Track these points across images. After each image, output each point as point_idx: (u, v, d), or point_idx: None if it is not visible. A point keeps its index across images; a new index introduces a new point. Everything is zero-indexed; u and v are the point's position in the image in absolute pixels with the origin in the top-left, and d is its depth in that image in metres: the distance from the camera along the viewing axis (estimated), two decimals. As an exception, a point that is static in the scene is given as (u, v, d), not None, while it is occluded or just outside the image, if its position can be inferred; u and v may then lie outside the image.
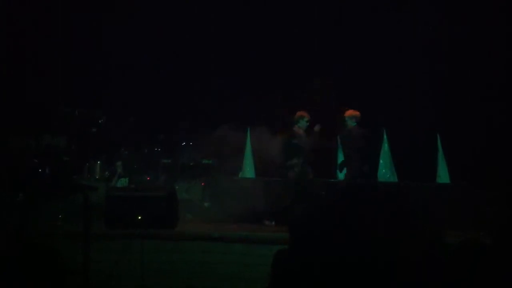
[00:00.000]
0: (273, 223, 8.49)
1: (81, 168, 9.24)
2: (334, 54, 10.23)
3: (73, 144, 9.37)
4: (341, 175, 10.04)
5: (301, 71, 10.12)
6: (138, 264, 5.48)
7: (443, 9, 10.04)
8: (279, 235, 6.55)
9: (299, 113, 8.70)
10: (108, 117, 9.89)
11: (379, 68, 9.92)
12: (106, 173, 9.39)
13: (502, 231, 1.94)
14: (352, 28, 10.28)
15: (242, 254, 6.35)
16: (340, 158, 10.17)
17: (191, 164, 9.79)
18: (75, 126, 9.62)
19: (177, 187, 9.20)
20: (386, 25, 10.07)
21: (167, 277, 5.22)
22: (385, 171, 9.72)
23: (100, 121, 9.72)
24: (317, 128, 8.56)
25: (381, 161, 9.25)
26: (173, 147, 9.95)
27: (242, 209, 8.98)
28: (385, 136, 9.33)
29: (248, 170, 10.17)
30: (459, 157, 9.36)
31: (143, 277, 5.16)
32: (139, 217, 7.09)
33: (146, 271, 5.30)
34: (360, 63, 10.08)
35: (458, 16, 9.95)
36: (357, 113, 8.47)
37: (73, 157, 9.28)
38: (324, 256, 1.46)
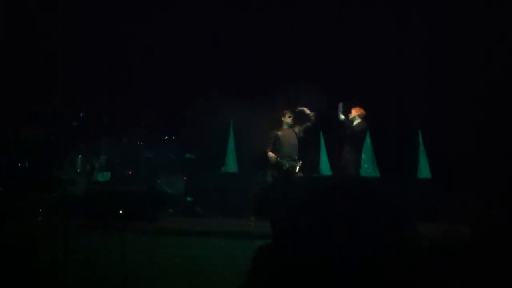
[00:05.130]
0: (256, 218, 8.45)
1: (61, 162, 9.12)
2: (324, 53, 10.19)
3: (54, 137, 9.23)
4: (324, 171, 10.05)
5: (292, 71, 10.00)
6: (119, 259, 5.43)
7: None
8: (262, 230, 6.55)
9: (284, 111, 8.72)
10: (90, 111, 9.74)
11: (364, 64, 9.89)
12: (87, 166, 9.29)
13: (485, 228, 1.95)
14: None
15: (224, 249, 6.34)
16: (324, 153, 10.19)
17: (174, 158, 9.72)
18: (56, 119, 9.49)
19: (159, 181, 9.15)
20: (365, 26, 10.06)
21: (148, 271, 5.18)
22: (367, 165, 9.79)
23: (81, 115, 9.59)
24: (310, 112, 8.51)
25: (363, 156, 9.28)
26: (156, 141, 9.87)
27: (225, 204, 8.97)
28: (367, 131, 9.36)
29: (231, 165, 10.16)
30: (441, 153, 9.39)
31: (124, 272, 5.11)
32: (120, 211, 7.04)
33: (127, 265, 5.26)
34: (347, 60, 10.04)
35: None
36: (362, 110, 8.52)
37: (54, 150, 9.15)
38: (307, 251, 1.45)
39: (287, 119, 8.69)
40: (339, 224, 1.40)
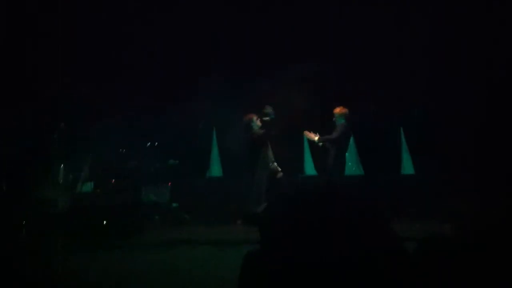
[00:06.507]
0: (242, 222, 8.35)
1: (45, 172, 8.94)
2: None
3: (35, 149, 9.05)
4: (309, 171, 10.04)
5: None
6: (106, 274, 5.34)
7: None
8: (249, 236, 6.49)
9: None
10: (68, 121, 9.57)
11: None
12: (70, 176, 9.13)
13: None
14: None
15: (212, 257, 6.27)
16: (307, 154, 10.17)
17: (157, 165, 9.63)
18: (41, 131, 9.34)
19: (143, 189, 9.04)
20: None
21: (137, 285, 5.08)
22: (351, 164, 9.80)
23: (61, 126, 9.44)
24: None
25: (347, 155, 9.28)
26: (138, 148, 9.75)
27: (211, 209, 8.89)
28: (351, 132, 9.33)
29: (215, 169, 10.12)
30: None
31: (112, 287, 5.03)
32: (104, 225, 6.94)
33: (115, 280, 5.18)
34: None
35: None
36: (346, 110, 8.45)
37: (36, 162, 8.97)
38: (296, 255, 1.41)
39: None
40: (331, 226, 1.36)
